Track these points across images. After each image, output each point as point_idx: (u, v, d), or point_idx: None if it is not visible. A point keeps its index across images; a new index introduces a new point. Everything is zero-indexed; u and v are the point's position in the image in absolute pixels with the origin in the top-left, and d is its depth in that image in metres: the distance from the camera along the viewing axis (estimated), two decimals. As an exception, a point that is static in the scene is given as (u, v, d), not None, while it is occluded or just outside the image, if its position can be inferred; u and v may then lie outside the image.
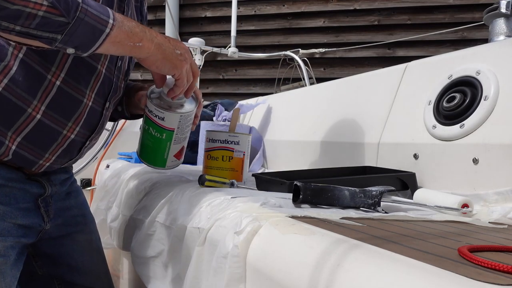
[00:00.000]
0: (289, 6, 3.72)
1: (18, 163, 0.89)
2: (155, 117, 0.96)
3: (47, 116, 0.88)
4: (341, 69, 3.54)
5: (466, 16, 3.22)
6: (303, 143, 1.49)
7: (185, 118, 0.98)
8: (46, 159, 0.92)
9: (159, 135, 0.98)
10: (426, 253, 0.48)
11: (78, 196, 1.12)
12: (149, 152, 1.02)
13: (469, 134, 0.93)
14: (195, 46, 2.68)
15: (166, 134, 0.98)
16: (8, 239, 0.89)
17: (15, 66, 0.83)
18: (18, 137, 0.86)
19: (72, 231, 1.07)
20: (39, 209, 0.96)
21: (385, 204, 0.83)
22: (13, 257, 0.90)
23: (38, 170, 0.93)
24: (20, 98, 0.84)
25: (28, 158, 0.89)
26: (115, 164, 1.68)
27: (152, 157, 1.02)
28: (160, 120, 0.96)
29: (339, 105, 1.42)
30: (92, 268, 1.12)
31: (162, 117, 0.96)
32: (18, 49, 0.83)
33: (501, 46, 0.99)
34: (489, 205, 0.85)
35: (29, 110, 0.86)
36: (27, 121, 0.86)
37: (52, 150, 0.92)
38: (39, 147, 0.90)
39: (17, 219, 0.91)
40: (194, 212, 0.83)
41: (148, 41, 0.82)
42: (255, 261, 0.60)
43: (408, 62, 1.23)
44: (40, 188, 0.96)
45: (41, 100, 0.86)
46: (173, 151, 1.01)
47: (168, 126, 0.97)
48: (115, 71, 0.98)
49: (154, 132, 0.98)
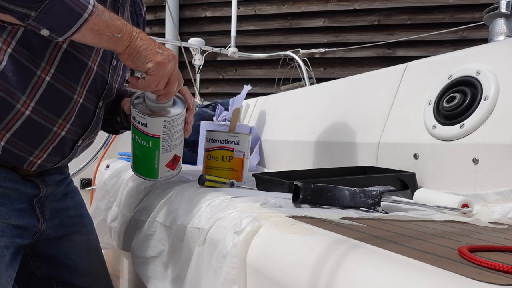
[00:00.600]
0: (289, 6, 3.72)
1: (8, 160, 0.88)
2: (138, 123, 0.91)
3: (37, 113, 0.86)
4: (341, 69, 3.54)
5: (466, 16, 3.22)
6: (303, 143, 1.49)
7: (171, 124, 0.90)
8: (36, 156, 0.91)
9: (145, 143, 0.92)
10: (426, 253, 0.48)
11: (75, 197, 1.11)
12: (140, 163, 0.97)
13: (469, 134, 0.93)
14: (195, 46, 2.68)
15: (152, 142, 0.91)
16: (2, 239, 0.88)
17: (4, 62, 0.82)
18: (8, 133, 0.85)
19: (69, 231, 1.07)
20: (34, 209, 0.96)
21: (385, 204, 0.83)
22: (8, 257, 0.90)
23: (30, 168, 0.92)
24: (9, 94, 0.83)
25: (18, 154, 0.88)
26: (115, 164, 1.68)
27: (143, 168, 0.97)
28: (144, 127, 0.90)
29: (339, 105, 1.42)
30: (90, 268, 1.12)
31: (145, 123, 0.89)
32: (7, 44, 0.82)
33: (501, 46, 0.99)
34: (489, 205, 0.85)
35: (18, 106, 0.84)
36: (16, 117, 0.84)
37: (43, 147, 0.90)
38: (28, 143, 0.88)
39: (11, 219, 0.90)
40: (194, 212, 0.83)
41: (128, 34, 0.79)
42: (255, 261, 0.60)
43: (408, 62, 1.23)
44: (35, 188, 0.95)
45: (30, 96, 0.85)
46: (163, 161, 0.94)
47: (153, 133, 0.90)
48: (110, 70, 0.97)
49: (140, 141, 0.92)
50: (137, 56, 0.80)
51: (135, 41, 0.80)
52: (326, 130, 1.41)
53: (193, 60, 2.68)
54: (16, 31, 0.82)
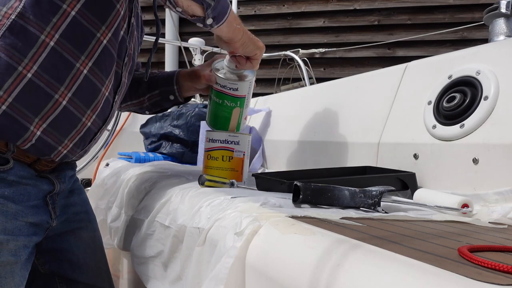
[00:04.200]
0: (289, 6, 3.72)
1: (39, 149, 0.90)
2: (229, 89, 1.13)
3: (72, 103, 0.90)
4: (341, 69, 3.54)
5: (466, 16, 3.22)
6: (303, 143, 1.49)
7: (251, 84, 1.16)
8: (64, 146, 0.94)
9: (234, 104, 1.14)
10: (426, 253, 0.48)
11: (81, 194, 1.13)
12: (226, 121, 1.16)
13: (469, 134, 0.93)
14: (195, 46, 2.68)
15: (240, 102, 1.14)
16: (20, 238, 0.89)
17: (45, 53, 0.86)
18: (44, 124, 0.88)
19: (76, 227, 1.08)
20: (47, 206, 0.97)
21: (385, 204, 0.83)
22: (24, 257, 0.91)
23: (56, 158, 0.94)
24: (49, 85, 0.87)
25: (50, 144, 0.91)
26: (115, 163, 1.68)
27: (228, 125, 1.16)
28: (234, 91, 1.13)
29: (339, 105, 1.42)
30: (93, 265, 1.12)
31: (236, 87, 1.12)
32: (50, 37, 0.86)
33: (501, 46, 0.99)
34: (489, 205, 0.85)
35: (56, 96, 0.88)
36: (54, 107, 0.88)
37: (71, 136, 0.94)
38: (61, 133, 0.92)
39: (28, 217, 0.91)
40: (194, 212, 0.83)
41: (242, 26, 1.00)
42: (255, 261, 0.60)
43: (408, 62, 1.23)
44: (50, 185, 0.97)
45: (68, 87, 0.89)
46: (244, 115, 1.18)
47: (241, 94, 1.14)
48: (123, 66, 1.02)
49: (229, 103, 1.14)
50: (247, 44, 1.04)
51: (246, 32, 1.02)
52: (326, 130, 1.41)
53: (193, 60, 2.68)
54: (61, 23, 0.87)
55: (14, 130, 0.85)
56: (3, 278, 0.87)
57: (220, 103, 1.14)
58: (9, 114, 0.84)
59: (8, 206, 0.87)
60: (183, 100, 1.25)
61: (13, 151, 0.87)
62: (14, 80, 0.84)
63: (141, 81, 1.23)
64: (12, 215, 0.88)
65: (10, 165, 0.87)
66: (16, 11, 0.84)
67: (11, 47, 0.84)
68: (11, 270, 0.88)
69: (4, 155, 0.87)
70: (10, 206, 0.88)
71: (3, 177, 0.87)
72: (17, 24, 0.84)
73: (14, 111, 0.84)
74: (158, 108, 1.28)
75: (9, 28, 0.84)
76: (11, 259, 0.88)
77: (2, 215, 0.87)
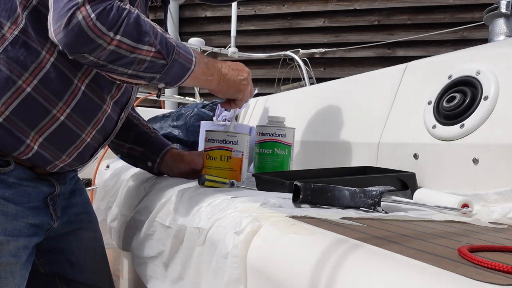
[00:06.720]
0: (289, 6, 3.72)
1: (35, 162, 0.91)
2: (278, 136, 1.20)
3: (70, 119, 0.91)
4: (341, 69, 3.54)
5: (466, 16, 3.22)
6: (303, 143, 1.49)
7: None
8: (62, 160, 0.94)
9: (283, 151, 1.21)
10: (426, 253, 0.48)
11: (82, 194, 1.13)
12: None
13: (469, 134, 0.93)
14: (195, 46, 2.68)
15: (288, 149, 1.22)
16: (20, 239, 0.90)
17: (46, 69, 0.87)
18: (41, 138, 0.89)
19: (77, 227, 1.08)
20: (48, 207, 0.98)
21: (385, 204, 0.83)
22: (24, 257, 0.91)
23: (51, 170, 0.95)
24: (47, 99, 0.88)
25: (47, 158, 0.91)
26: (115, 164, 1.68)
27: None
28: (283, 138, 1.20)
29: (339, 105, 1.42)
30: (94, 265, 1.12)
31: (284, 134, 1.20)
32: (50, 53, 0.87)
33: (501, 46, 0.99)
34: (489, 205, 0.85)
35: (54, 111, 0.89)
36: (51, 121, 0.89)
37: (70, 152, 0.94)
38: (58, 148, 0.92)
39: (28, 218, 0.92)
40: (194, 212, 0.83)
41: (217, 73, 0.94)
42: (255, 261, 0.60)
43: (408, 62, 1.23)
44: (50, 187, 0.97)
45: (67, 102, 0.90)
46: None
47: (288, 141, 1.20)
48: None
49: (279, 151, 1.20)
50: (226, 91, 0.99)
51: (223, 79, 0.96)
52: (326, 130, 1.41)
53: (193, 60, 2.68)
54: None
55: (10, 142, 0.86)
56: (3, 279, 0.88)
57: (267, 153, 1.20)
58: (5, 127, 0.85)
59: (8, 207, 0.88)
60: (157, 173, 1.20)
61: (13, 155, 0.88)
62: (12, 94, 0.85)
63: (134, 128, 1.20)
64: (12, 216, 0.88)
65: (11, 167, 0.88)
66: (19, 26, 0.85)
67: (13, 61, 0.85)
68: (11, 270, 0.88)
69: (5, 158, 0.88)
70: (10, 207, 0.88)
71: (4, 179, 0.88)
72: (19, 39, 0.85)
73: (11, 124, 0.85)
74: (131, 162, 1.24)
75: (11, 42, 0.85)
76: (11, 259, 0.88)
77: (3, 216, 0.87)
